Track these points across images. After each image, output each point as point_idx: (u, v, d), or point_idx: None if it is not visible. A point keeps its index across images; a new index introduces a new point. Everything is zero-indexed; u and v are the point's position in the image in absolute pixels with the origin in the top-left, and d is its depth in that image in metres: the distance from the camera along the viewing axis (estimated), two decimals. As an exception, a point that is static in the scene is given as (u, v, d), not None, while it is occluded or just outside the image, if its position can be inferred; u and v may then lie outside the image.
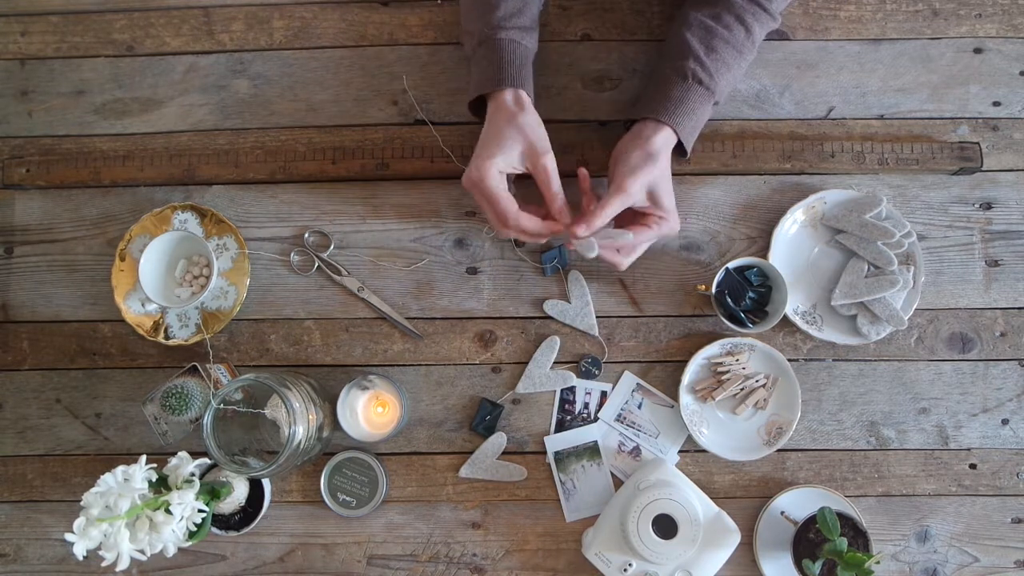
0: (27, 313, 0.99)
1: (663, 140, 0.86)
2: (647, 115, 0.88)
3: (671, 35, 0.93)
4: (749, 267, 0.94)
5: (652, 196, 0.86)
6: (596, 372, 0.95)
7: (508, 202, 0.85)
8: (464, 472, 0.94)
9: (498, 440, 0.94)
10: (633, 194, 0.84)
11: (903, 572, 0.93)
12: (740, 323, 0.93)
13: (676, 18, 0.94)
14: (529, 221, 0.85)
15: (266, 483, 0.93)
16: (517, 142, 0.85)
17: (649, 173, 0.85)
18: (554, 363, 0.95)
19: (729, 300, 0.93)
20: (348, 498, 0.94)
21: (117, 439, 0.97)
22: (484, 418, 0.94)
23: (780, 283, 0.93)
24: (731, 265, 0.93)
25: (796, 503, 0.93)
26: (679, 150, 0.90)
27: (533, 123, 0.86)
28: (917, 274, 0.94)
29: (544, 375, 0.95)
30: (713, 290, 0.92)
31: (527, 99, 0.87)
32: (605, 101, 1.00)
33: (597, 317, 0.96)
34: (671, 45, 0.92)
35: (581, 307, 0.95)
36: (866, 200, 0.95)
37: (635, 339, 0.96)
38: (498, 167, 0.84)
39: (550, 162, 0.85)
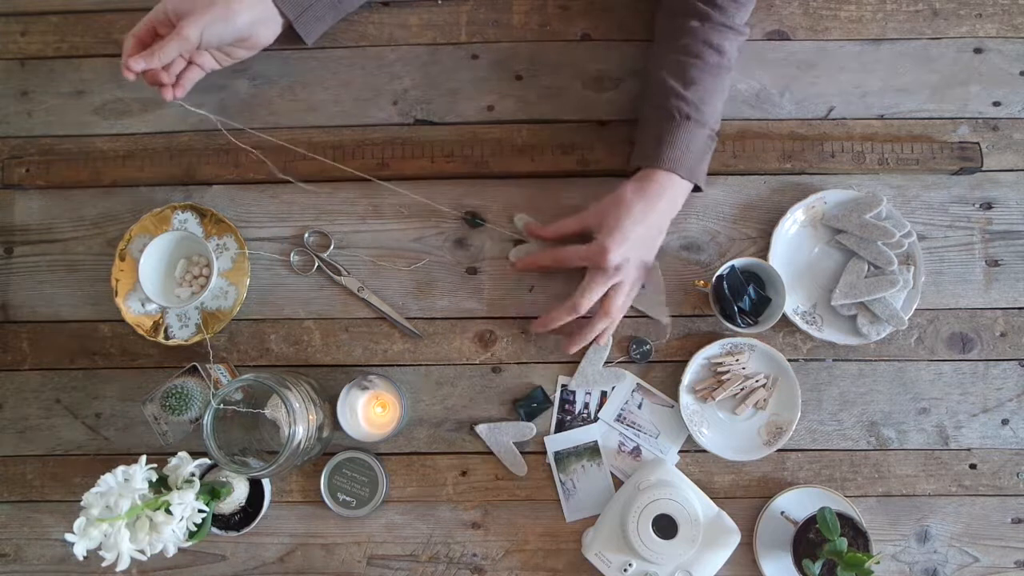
0: (27, 313, 0.99)
1: (640, 181, 0.87)
2: (638, 164, 0.89)
3: (648, 78, 0.93)
4: (749, 272, 0.93)
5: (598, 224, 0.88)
6: (649, 349, 0.95)
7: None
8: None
9: (527, 429, 0.94)
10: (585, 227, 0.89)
11: (903, 572, 0.93)
12: (736, 319, 0.92)
13: (648, 60, 0.95)
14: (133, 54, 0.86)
15: (266, 483, 0.93)
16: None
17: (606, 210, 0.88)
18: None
19: (727, 292, 0.91)
20: (348, 498, 0.94)
21: (117, 439, 0.97)
22: (532, 404, 0.94)
23: (779, 284, 0.92)
24: (733, 264, 0.93)
25: (796, 503, 0.93)
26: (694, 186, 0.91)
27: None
28: (917, 274, 0.94)
29: (597, 372, 0.95)
30: (711, 283, 0.91)
31: None
32: (605, 101, 1.00)
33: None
34: (651, 88, 0.92)
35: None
36: (866, 200, 0.94)
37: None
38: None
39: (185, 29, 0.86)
